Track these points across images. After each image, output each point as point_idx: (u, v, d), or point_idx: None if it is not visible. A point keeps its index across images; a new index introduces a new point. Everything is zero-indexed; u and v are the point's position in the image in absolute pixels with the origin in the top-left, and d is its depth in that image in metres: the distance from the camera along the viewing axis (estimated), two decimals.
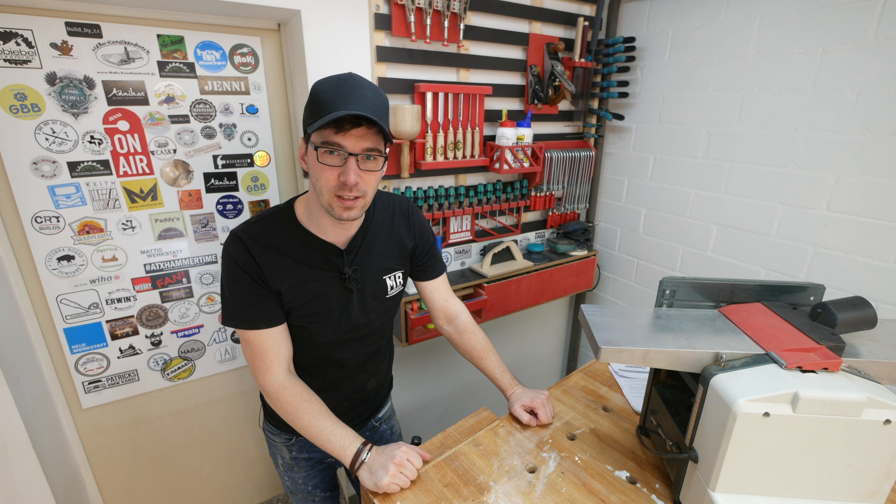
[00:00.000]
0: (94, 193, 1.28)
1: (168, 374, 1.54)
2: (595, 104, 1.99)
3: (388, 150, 0.88)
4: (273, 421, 1.10)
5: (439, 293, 1.16)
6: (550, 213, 2.04)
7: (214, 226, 1.48)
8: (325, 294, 0.94)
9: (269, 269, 0.89)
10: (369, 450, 0.89)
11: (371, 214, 1.00)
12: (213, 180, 1.44)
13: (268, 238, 0.90)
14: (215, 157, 1.42)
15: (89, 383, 1.42)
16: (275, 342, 0.92)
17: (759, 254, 1.64)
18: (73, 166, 1.24)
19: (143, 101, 1.28)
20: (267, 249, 0.89)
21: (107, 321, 1.39)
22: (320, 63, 1.32)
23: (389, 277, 1.03)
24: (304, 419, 0.90)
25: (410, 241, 1.06)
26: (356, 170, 0.81)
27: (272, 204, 1.56)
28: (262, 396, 1.13)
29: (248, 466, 1.83)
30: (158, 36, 1.25)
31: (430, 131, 1.54)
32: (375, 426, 1.21)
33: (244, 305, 0.90)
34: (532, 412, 1.04)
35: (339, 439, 0.89)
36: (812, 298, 0.93)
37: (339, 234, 0.94)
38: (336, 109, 0.76)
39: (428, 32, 1.43)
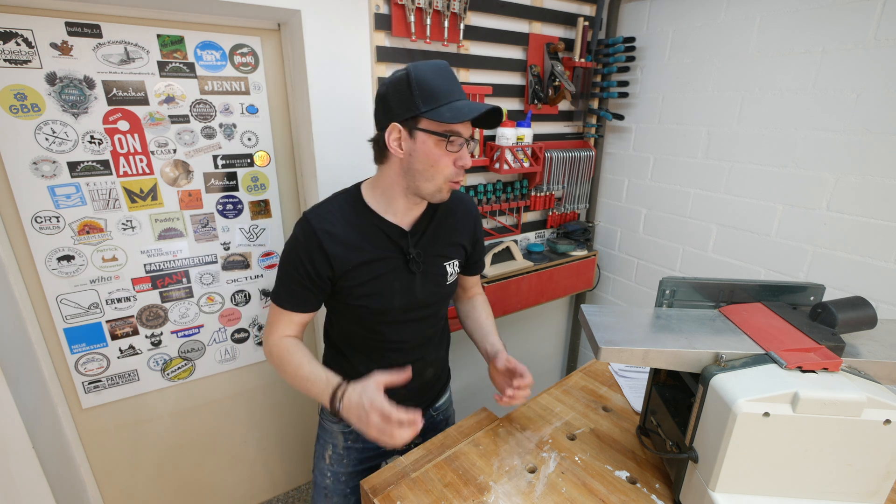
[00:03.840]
0: (94, 193, 1.28)
1: (168, 374, 1.54)
2: (595, 104, 1.99)
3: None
4: None
5: (472, 288, 1.23)
6: (550, 213, 2.04)
7: (214, 226, 1.48)
8: (387, 274, 0.97)
9: (335, 248, 0.92)
10: (342, 395, 0.85)
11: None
12: (213, 180, 1.44)
13: (336, 218, 0.94)
14: (215, 157, 1.42)
15: (89, 383, 1.42)
16: (288, 324, 0.98)
17: (759, 254, 1.64)
18: (73, 166, 1.24)
19: (143, 101, 1.28)
20: (333, 227, 0.93)
21: (107, 321, 1.39)
22: (320, 63, 1.32)
23: (449, 264, 1.05)
24: (292, 363, 0.94)
25: (469, 245, 1.10)
26: (469, 153, 0.91)
27: (272, 204, 1.56)
28: None
29: (248, 466, 1.83)
30: (158, 36, 1.25)
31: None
32: (433, 416, 1.21)
33: (281, 282, 0.96)
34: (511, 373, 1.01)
35: (317, 385, 0.90)
36: (812, 298, 0.93)
37: (405, 216, 0.98)
38: (452, 99, 0.84)
39: (428, 32, 1.43)
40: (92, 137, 1.24)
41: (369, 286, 0.96)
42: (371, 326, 1.01)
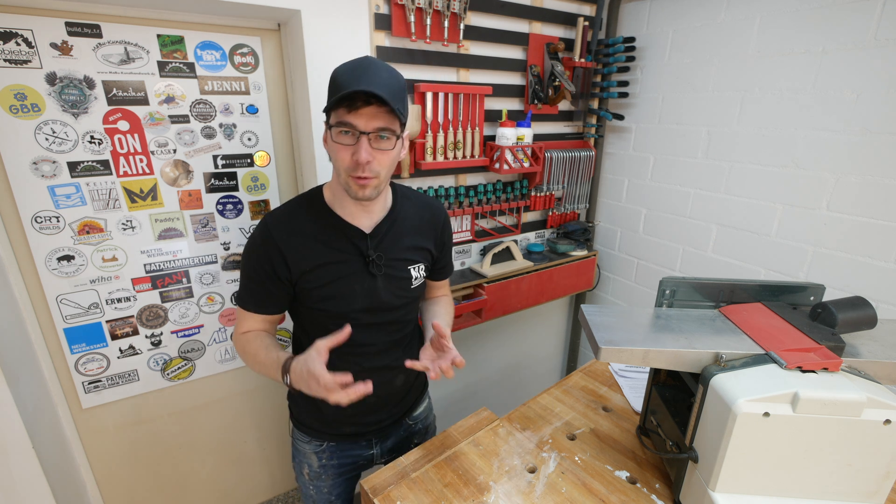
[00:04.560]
0: (94, 193, 1.28)
1: (168, 374, 1.54)
2: (595, 104, 1.99)
3: (404, 131, 0.89)
4: (303, 428, 1.10)
5: (438, 290, 1.20)
6: (550, 213, 2.04)
7: (214, 226, 1.48)
8: (346, 276, 0.95)
9: (291, 250, 0.92)
10: (289, 370, 0.88)
11: (400, 205, 1.02)
12: (213, 180, 1.44)
13: (293, 220, 0.94)
14: (215, 157, 1.42)
15: (89, 383, 1.42)
16: (254, 324, 0.99)
17: (759, 254, 1.64)
18: (73, 166, 1.24)
19: (143, 101, 1.28)
20: (291, 232, 0.93)
21: (107, 321, 1.39)
22: (320, 63, 1.32)
23: (413, 268, 1.03)
24: (251, 353, 0.97)
25: (435, 250, 1.08)
26: (368, 148, 0.83)
27: (272, 204, 1.56)
28: (290, 407, 1.14)
29: (248, 466, 1.83)
30: (158, 36, 1.25)
31: (430, 131, 1.54)
32: (410, 425, 1.19)
33: (243, 284, 0.98)
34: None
35: (271, 369, 0.92)
36: (812, 298, 0.93)
37: (363, 217, 0.96)
38: (349, 89, 0.78)
39: (428, 32, 1.43)
40: (92, 137, 1.24)
41: (328, 289, 0.95)
42: (334, 330, 0.96)
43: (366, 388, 0.79)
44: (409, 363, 0.90)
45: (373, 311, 0.99)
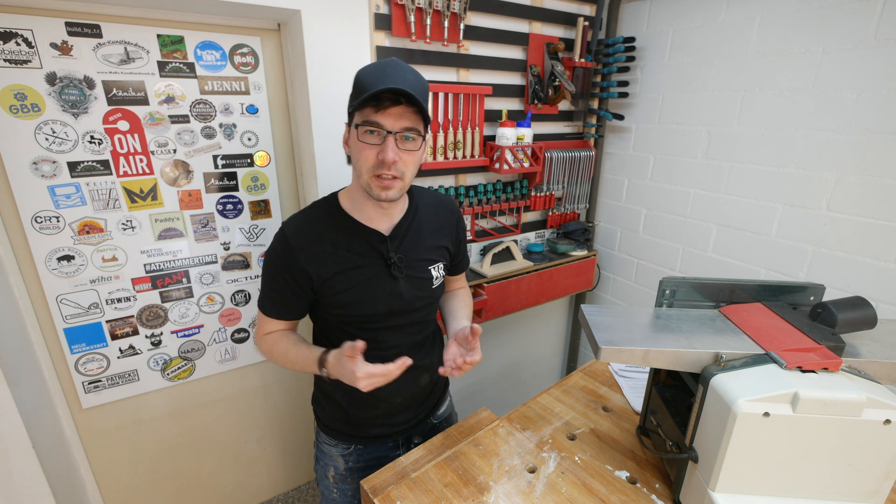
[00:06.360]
0: (94, 193, 1.28)
1: (168, 374, 1.54)
2: (595, 104, 1.99)
3: (427, 132, 0.90)
4: (330, 432, 1.10)
5: (455, 283, 1.21)
6: (550, 213, 2.04)
7: (214, 226, 1.48)
8: (368, 280, 0.95)
9: (311, 259, 0.92)
10: (326, 366, 0.91)
11: (416, 206, 1.02)
12: (213, 180, 1.44)
13: (312, 228, 0.94)
14: (215, 157, 1.42)
15: (89, 383, 1.42)
16: (275, 326, 1.01)
17: (759, 254, 1.64)
18: (73, 166, 1.24)
19: (143, 101, 1.28)
20: (310, 240, 0.93)
21: (107, 321, 1.39)
22: (320, 63, 1.32)
23: (433, 268, 1.04)
24: (279, 352, 0.99)
25: (452, 247, 1.09)
26: (394, 148, 0.84)
27: (272, 204, 1.56)
28: (315, 411, 1.14)
29: (248, 466, 1.83)
30: (158, 36, 1.25)
31: (430, 131, 1.54)
32: (435, 424, 1.20)
33: (265, 293, 0.99)
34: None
35: (306, 364, 0.94)
36: (812, 298, 0.93)
37: (382, 220, 0.96)
38: (374, 89, 0.79)
39: (428, 32, 1.43)
40: (92, 137, 1.24)
41: (350, 294, 0.94)
42: (356, 334, 0.96)
43: (405, 361, 0.84)
44: (442, 370, 0.93)
45: (396, 314, 0.99)
